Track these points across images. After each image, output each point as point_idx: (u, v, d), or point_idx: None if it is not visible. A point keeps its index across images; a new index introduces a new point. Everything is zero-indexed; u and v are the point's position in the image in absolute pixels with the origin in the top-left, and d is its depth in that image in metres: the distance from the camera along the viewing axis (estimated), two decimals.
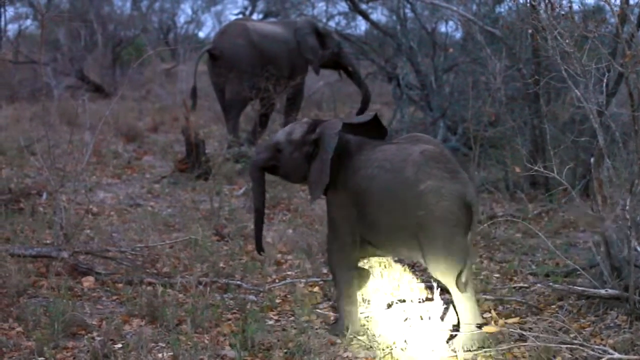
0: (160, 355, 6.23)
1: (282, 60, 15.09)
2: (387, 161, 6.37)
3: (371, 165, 6.43)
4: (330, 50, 15.89)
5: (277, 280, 8.06)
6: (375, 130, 6.85)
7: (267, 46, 14.97)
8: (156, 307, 6.95)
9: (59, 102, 17.06)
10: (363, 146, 6.65)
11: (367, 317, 6.95)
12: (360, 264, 6.92)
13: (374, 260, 7.92)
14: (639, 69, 6.75)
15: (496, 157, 12.71)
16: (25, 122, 16.52)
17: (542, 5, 7.37)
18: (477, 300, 6.59)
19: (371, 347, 6.41)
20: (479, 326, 6.28)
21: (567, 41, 6.90)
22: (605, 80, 7.18)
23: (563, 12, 7.17)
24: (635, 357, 5.88)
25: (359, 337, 6.60)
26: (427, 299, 7.26)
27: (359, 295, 6.96)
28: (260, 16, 35.44)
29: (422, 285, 7.70)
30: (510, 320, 6.90)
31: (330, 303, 7.37)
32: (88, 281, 7.83)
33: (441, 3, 14.34)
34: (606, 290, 6.87)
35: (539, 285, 7.81)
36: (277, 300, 7.44)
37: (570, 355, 6.10)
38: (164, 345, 6.41)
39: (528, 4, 8.40)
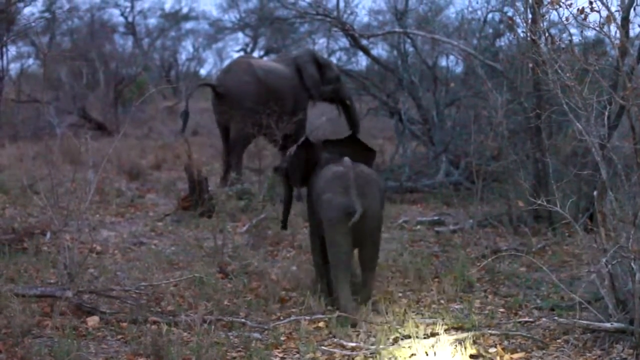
0: None
1: (286, 96, 15.16)
2: (318, 176, 8.48)
3: (315, 178, 8.58)
4: (332, 86, 15.99)
5: (281, 318, 8.03)
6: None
7: (272, 82, 15.06)
8: (161, 346, 6.92)
9: (61, 141, 17.09)
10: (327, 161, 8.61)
11: (373, 353, 6.93)
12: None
13: (379, 296, 7.99)
14: None
15: (499, 191, 12.71)
16: (28, 161, 16.53)
17: (543, 38, 7.39)
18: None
19: None
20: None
21: (567, 74, 6.92)
22: (606, 113, 7.19)
23: (563, 46, 7.20)
24: None
25: None
26: (432, 335, 7.25)
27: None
28: (262, 52, 35.62)
29: (428, 320, 7.70)
30: (515, 356, 6.88)
31: (335, 340, 7.34)
32: (92, 320, 7.80)
33: (442, 37, 14.43)
34: (611, 324, 6.85)
35: (544, 319, 7.79)
36: (282, 338, 7.41)
37: None
38: None
39: (528, 38, 8.43)
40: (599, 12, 6.92)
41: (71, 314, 7.83)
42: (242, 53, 34.51)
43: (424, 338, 7.14)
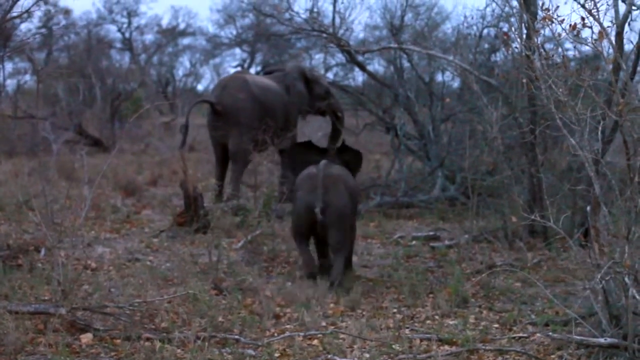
0: None
1: (278, 112, 15.19)
2: (298, 177, 10.08)
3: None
4: (327, 102, 16.03)
5: (275, 334, 8.01)
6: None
7: (266, 99, 15.08)
8: None
9: (57, 157, 17.04)
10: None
11: None
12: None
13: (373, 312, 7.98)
14: (633, 116, 6.76)
15: (494, 206, 12.71)
16: (24, 177, 16.49)
17: (537, 54, 7.39)
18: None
19: None
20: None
21: (561, 90, 6.92)
22: (600, 128, 7.19)
23: (558, 61, 7.19)
24: None
25: None
26: (426, 350, 7.24)
27: None
28: (259, 68, 35.67)
29: (422, 336, 7.70)
30: None
31: (330, 357, 7.31)
32: (86, 337, 7.77)
33: (437, 53, 14.45)
34: (605, 339, 6.84)
35: (538, 334, 7.78)
36: (276, 354, 7.39)
37: None
38: None
39: (523, 53, 8.42)
40: (591, 27, 6.93)
41: (65, 331, 7.81)
42: (239, 69, 34.55)
43: (418, 354, 7.14)
